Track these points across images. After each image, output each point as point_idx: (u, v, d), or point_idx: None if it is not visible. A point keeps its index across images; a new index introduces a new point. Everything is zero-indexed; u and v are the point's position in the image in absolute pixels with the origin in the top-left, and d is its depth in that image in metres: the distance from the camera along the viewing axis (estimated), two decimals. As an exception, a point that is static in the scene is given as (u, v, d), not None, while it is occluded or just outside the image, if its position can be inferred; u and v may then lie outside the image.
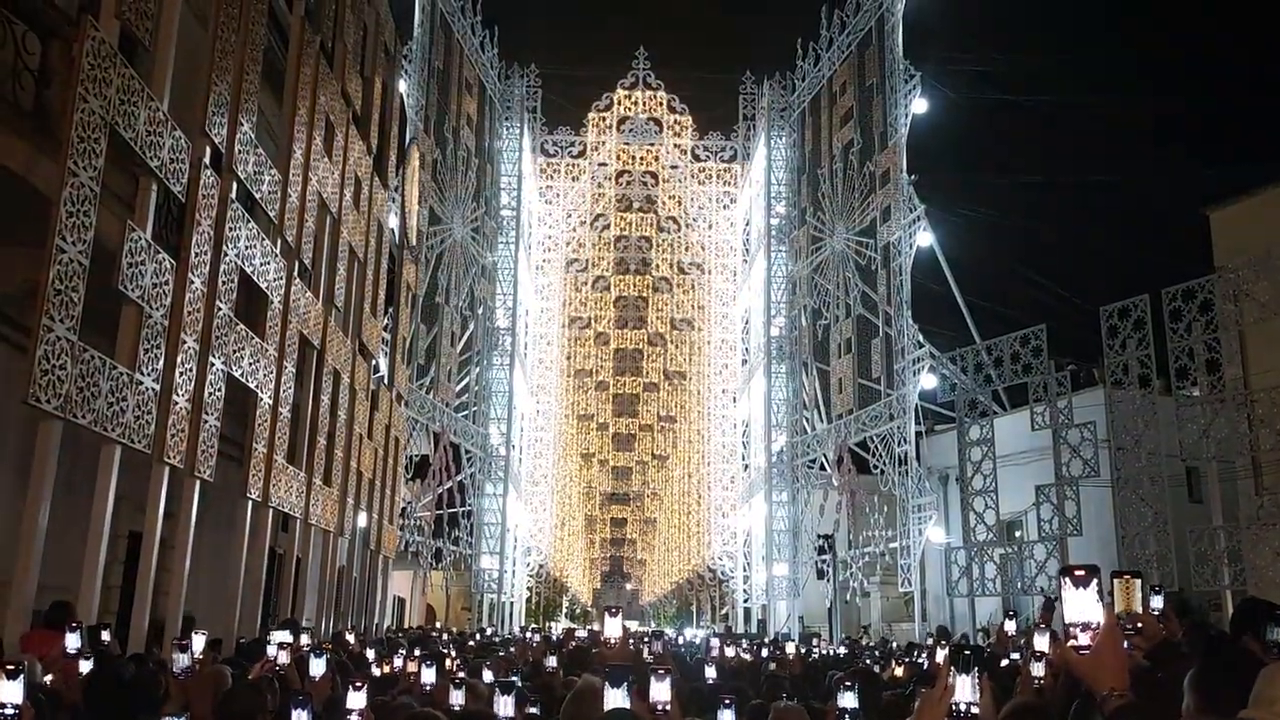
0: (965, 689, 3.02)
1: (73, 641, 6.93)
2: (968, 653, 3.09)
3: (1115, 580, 3.09)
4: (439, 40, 32.12)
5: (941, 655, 9.00)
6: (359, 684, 5.09)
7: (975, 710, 3.01)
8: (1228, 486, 21.81)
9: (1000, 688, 5.86)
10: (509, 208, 38.76)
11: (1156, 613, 5.38)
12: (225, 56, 11.83)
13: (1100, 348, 24.08)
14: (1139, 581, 3.16)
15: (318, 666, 6.44)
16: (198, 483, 11.55)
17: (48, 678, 6.98)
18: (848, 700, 4.51)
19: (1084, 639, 2.75)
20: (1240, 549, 20.88)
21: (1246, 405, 21.36)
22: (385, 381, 22.76)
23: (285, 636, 7.31)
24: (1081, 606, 2.76)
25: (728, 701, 4.04)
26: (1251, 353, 22.34)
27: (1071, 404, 24.47)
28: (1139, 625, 3.04)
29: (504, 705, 4.90)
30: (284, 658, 7.17)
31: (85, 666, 6.73)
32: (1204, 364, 21.77)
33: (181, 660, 5.87)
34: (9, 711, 3.82)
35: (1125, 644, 2.93)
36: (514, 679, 6.60)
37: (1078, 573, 2.79)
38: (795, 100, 38.89)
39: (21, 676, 3.90)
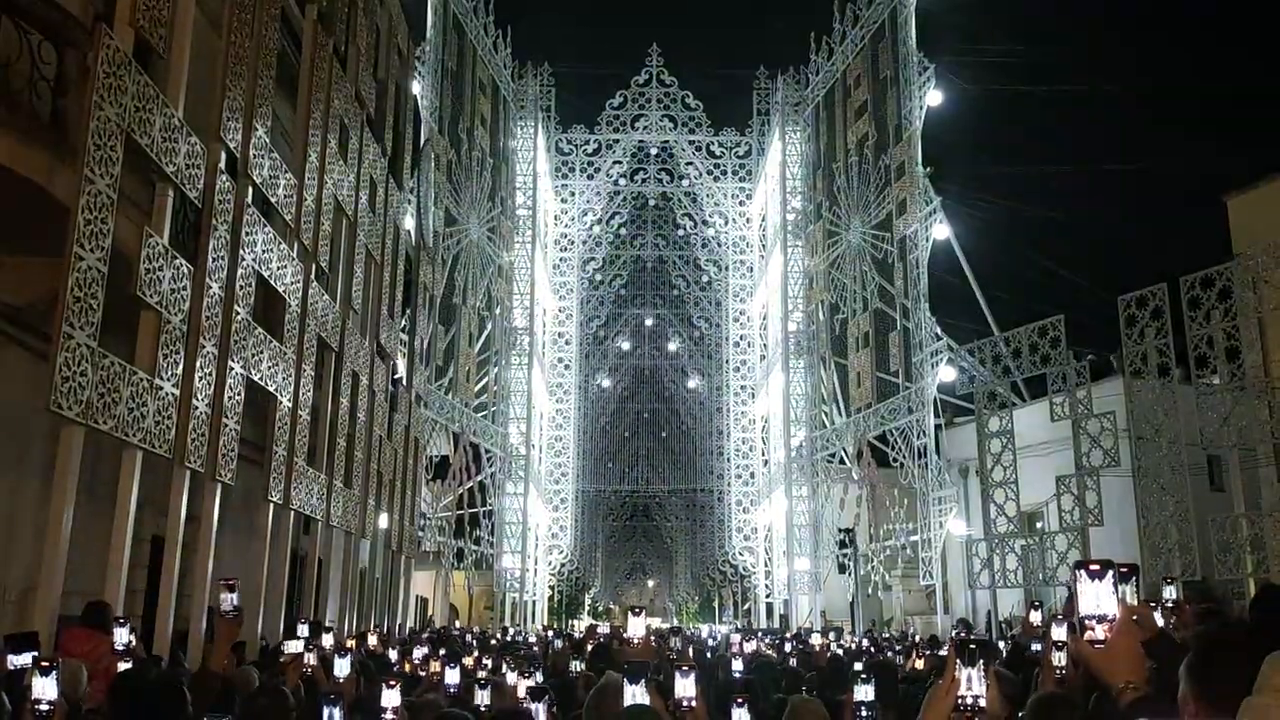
0: (972, 682, 3.02)
1: (122, 636, 6.74)
2: (973, 646, 3.09)
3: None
4: (452, 41, 32.13)
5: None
6: (392, 683, 5.11)
7: (982, 703, 3.02)
8: (1249, 474, 21.68)
9: (1022, 679, 5.87)
10: (524, 207, 38.77)
11: (1170, 603, 5.37)
12: (239, 62, 11.90)
13: (1119, 337, 23.98)
14: (1134, 577, 3.19)
15: (342, 667, 6.45)
16: (219, 486, 11.62)
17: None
18: (864, 693, 4.50)
19: (1099, 632, 2.75)
20: (1263, 536, 20.78)
21: (1267, 392, 21.23)
22: (404, 383, 22.83)
23: (298, 646, 7.29)
24: (1096, 600, 2.77)
25: (740, 701, 4.05)
26: (1271, 339, 22.19)
27: (1091, 394, 24.33)
28: (1135, 618, 3.03)
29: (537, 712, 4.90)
30: (312, 659, 7.19)
31: (121, 666, 6.66)
32: (1223, 352, 21.64)
33: (230, 600, 5.84)
34: (44, 708, 3.86)
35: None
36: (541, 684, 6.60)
37: (1093, 567, 2.80)
38: (809, 95, 38.80)
39: (55, 673, 3.93)
